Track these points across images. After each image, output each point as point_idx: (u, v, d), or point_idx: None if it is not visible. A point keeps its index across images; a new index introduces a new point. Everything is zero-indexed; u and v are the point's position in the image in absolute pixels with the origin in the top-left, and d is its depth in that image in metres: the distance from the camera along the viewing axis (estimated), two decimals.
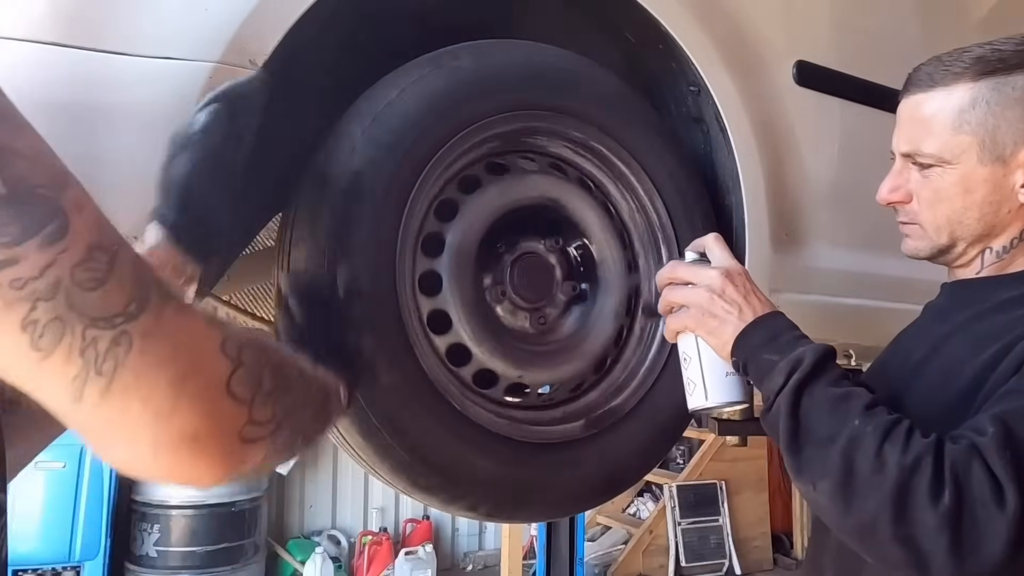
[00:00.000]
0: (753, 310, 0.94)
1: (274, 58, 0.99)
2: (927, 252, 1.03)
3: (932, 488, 0.77)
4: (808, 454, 0.85)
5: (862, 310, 1.62)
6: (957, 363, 0.94)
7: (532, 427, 1.21)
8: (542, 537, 3.23)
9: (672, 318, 1.00)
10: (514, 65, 1.20)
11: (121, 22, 0.92)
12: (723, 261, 0.99)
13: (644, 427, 1.27)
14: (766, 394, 0.90)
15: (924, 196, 1.00)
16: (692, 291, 0.97)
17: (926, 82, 0.99)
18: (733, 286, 0.95)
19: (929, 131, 0.98)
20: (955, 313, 1.02)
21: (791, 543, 5.97)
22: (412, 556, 5.24)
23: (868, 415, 0.83)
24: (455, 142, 1.12)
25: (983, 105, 0.95)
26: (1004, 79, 0.95)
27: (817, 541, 1.07)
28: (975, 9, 1.83)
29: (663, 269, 1.03)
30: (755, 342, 0.92)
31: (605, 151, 1.27)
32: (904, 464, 0.79)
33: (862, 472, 0.80)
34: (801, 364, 0.87)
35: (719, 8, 1.38)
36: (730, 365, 0.96)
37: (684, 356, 1.00)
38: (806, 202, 1.51)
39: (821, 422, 0.85)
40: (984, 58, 0.96)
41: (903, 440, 0.80)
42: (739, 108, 1.38)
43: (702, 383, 0.98)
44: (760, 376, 0.91)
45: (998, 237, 0.99)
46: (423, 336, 1.11)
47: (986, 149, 0.95)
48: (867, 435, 0.81)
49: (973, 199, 0.97)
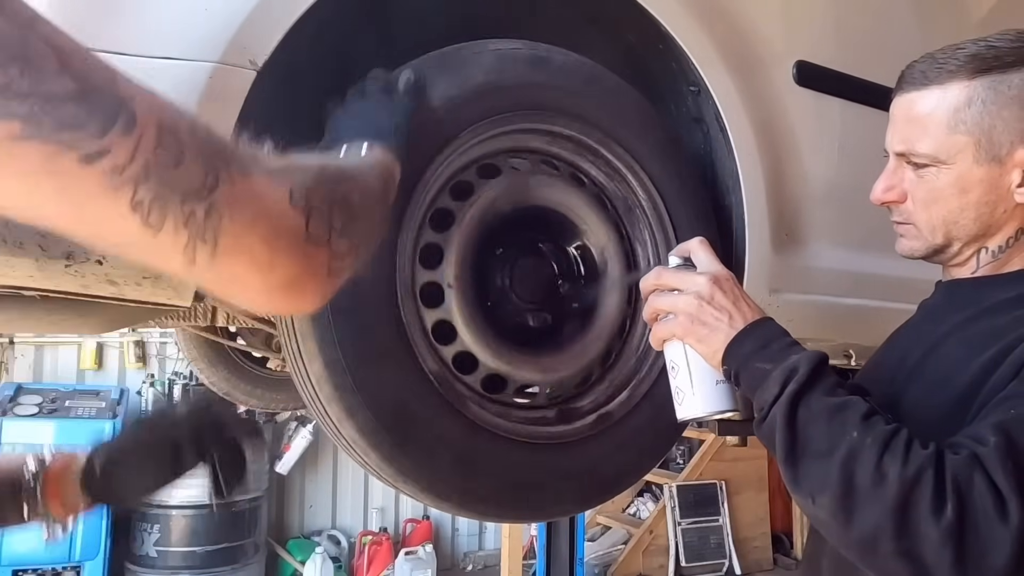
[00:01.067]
0: (743, 316, 0.91)
1: (274, 58, 0.99)
2: (922, 252, 1.02)
3: (934, 501, 0.76)
4: (806, 467, 0.83)
5: (862, 310, 1.62)
6: (954, 365, 0.92)
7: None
8: (542, 537, 3.23)
9: (659, 326, 0.96)
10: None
11: (121, 22, 0.92)
12: (710, 266, 0.95)
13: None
14: (759, 404, 0.87)
15: (919, 196, 0.99)
16: (679, 298, 0.93)
17: (920, 80, 0.97)
18: (722, 292, 0.92)
19: (924, 130, 0.96)
20: (951, 313, 1.00)
21: (791, 543, 5.97)
22: (412, 556, 5.24)
23: (866, 426, 0.81)
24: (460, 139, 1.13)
25: (979, 104, 0.93)
26: (1000, 77, 0.93)
27: (815, 542, 1.06)
28: (975, 9, 1.83)
29: (648, 275, 0.98)
30: (747, 350, 0.89)
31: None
32: (905, 477, 0.77)
33: (862, 485, 0.78)
34: (796, 373, 0.84)
35: (719, 8, 1.38)
36: (720, 373, 0.93)
37: (672, 364, 0.96)
38: (806, 202, 1.51)
39: (818, 434, 0.82)
40: (979, 55, 0.94)
41: (903, 451, 0.78)
42: (739, 108, 1.38)
43: (691, 392, 0.95)
44: (753, 385, 0.88)
45: (994, 237, 0.98)
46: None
47: (982, 149, 0.94)
48: (866, 447, 0.79)
49: (969, 199, 0.96)
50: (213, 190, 0.55)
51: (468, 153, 1.18)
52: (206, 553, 4.64)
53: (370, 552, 5.35)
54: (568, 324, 1.29)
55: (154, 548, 4.62)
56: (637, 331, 1.32)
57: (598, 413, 1.28)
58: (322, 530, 5.62)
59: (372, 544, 5.38)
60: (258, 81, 0.98)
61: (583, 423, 1.27)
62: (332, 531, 5.62)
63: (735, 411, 0.96)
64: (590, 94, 1.27)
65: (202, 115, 0.95)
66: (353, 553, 5.51)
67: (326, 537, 5.52)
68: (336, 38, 1.17)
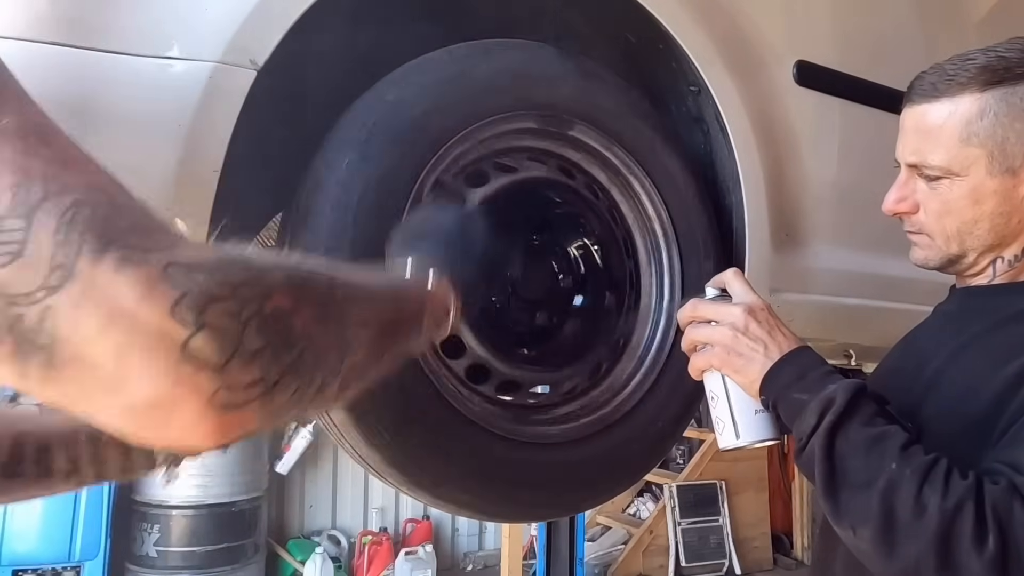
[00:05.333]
0: (779, 346, 0.92)
1: (274, 58, 0.99)
2: (937, 262, 1.02)
3: (975, 533, 0.76)
4: (846, 499, 0.83)
5: (862, 310, 1.62)
6: (976, 377, 0.92)
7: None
8: (542, 537, 3.23)
9: (697, 356, 0.97)
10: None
11: (121, 22, 0.92)
12: (744, 297, 0.96)
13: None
14: (798, 435, 0.88)
15: (932, 207, 0.99)
16: (715, 329, 0.95)
17: (930, 92, 0.97)
18: (756, 322, 0.93)
19: (936, 143, 0.96)
20: (970, 322, 1.00)
21: (791, 543, 5.97)
22: (412, 556, 5.24)
23: (905, 456, 0.81)
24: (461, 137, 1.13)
25: (991, 116, 0.93)
26: (1011, 89, 0.93)
27: (825, 544, 1.05)
28: (975, 10, 1.83)
29: (684, 307, 0.99)
30: (784, 380, 0.90)
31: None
32: (946, 508, 0.77)
33: (903, 517, 0.79)
34: (833, 404, 0.85)
35: (719, 8, 1.38)
36: (759, 403, 0.94)
37: (711, 395, 0.98)
38: (806, 202, 1.50)
39: (857, 465, 0.83)
40: (990, 67, 0.94)
41: (943, 483, 0.79)
42: (739, 108, 1.38)
43: (731, 422, 0.96)
44: (791, 415, 0.89)
45: (1009, 247, 0.98)
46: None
47: (995, 161, 0.94)
48: (906, 479, 0.80)
49: (983, 210, 0.96)
50: (55, 291, 0.44)
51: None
52: (206, 553, 4.63)
53: (370, 552, 5.34)
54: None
55: (154, 548, 4.61)
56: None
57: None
58: (322, 530, 5.61)
59: (372, 544, 5.38)
60: (258, 81, 0.98)
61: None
62: (332, 531, 5.61)
63: (776, 439, 0.97)
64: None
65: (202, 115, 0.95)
66: (353, 553, 5.51)
67: (326, 537, 5.51)
68: (336, 38, 1.17)
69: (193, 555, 4.62)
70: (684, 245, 1.34)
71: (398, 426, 1.08)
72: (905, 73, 1.04)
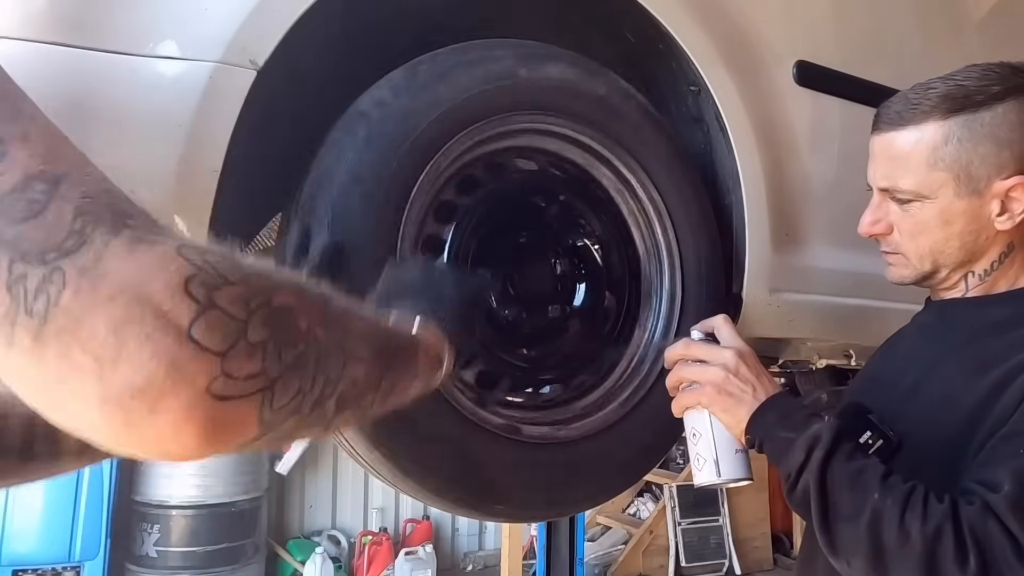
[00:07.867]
0: (765, 390, 0.97)
1: (274, 58, 0.99)
2: (912, 279, 1.07)
3: (957, 554, 0.81)
4: (838, 532, 0.88)
5: (862, 310, 1.62)
6: (955, 388, 0.97)
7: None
8: (542, 537, 3.23)
9: (684, 395, 1.02)
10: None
11: (121, 22, 0.92)
12: (733, 342, 1.02)
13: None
14: (786, 471, 0.93)
15: (905, 228, 1.04)
16: (707, 369, 1.00)
17: (896, 120, 1.02)
18: (746, 366, 0.98)
19: (905, 168, 1.01)
20: (946, 333, 1.05)
21: (791, 543, 5.97)
22: (412, 556, 5.24)
23: (886, 487, 0.86)
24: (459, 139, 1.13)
25: (955, 142, 0.98)
26: (972, 116, 0.98)
27: (810, 546, 1.08)
28: (974, 10, 1.83)
29: (674, 346, 1.04)
30: (770, 420, 0.95)
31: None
32: (927, 533, 0.82)
33: (889, 545, 0.84)
34: (819, 441, 0.90)
35: (719, 8, 1.38)
36: (739, 443, 0.99)
37: (693, 432, 1.02)
38: (806, 202, 1.51)
39: (845, 499, 0.88)
40: (950, 95, 0.99)
41: (921, 509, 0.84)
42: (739, 108, 1.38)
43: (714, 459, 1.00)
44: (778, 453, 0.94)
45: (979, 261, 1.03)
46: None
47: (962, 183, 0.99)
48: (887, 508, 0.85)
49: (953, 230, 1.01)
50: (68, 254, 0.43)
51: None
52: (206, 553, 4.64)
53: (370, 552, 5.35)
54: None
55: (154, 548, 4.61)
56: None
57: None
58: (322, 530, 5.62)
59: (372, 544, 5.38)
60: (258, 81, 0.98)
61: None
62: (332, 531, 5.61)
63: (750, 479, 1.02)
64: None
65: (202, 115, 0.95)
66: (353, 553, 5.51)
67: (326, 537, 5.51)
68: (336, 38, 1.17)
69: (193, 555, 4.62)
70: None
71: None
72: (905, 73, 1.04)
